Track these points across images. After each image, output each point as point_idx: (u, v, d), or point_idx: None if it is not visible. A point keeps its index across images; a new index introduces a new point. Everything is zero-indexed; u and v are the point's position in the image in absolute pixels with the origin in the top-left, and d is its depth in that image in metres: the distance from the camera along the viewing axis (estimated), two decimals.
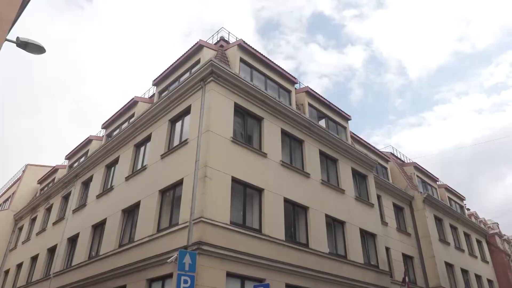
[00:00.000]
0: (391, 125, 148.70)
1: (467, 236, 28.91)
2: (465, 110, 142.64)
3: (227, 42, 17.74)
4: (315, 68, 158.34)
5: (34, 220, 24.73)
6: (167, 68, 17.69)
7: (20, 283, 22.02)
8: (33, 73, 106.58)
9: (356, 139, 23.02)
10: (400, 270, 20.02)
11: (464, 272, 25.76)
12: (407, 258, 22.26)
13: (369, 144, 24.54)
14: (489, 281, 29.02)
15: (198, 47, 16.25)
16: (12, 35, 9.20)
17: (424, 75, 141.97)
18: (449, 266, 24.33)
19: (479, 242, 30.55)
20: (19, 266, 23.47)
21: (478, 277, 27.50)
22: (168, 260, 10.84)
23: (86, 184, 19.91)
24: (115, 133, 19.81)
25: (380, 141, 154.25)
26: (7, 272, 25.10)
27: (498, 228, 40.47)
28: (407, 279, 18.12)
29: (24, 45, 9.24)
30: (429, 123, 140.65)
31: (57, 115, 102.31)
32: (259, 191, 13.39)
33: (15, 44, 9.12)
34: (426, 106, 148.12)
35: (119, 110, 20.23)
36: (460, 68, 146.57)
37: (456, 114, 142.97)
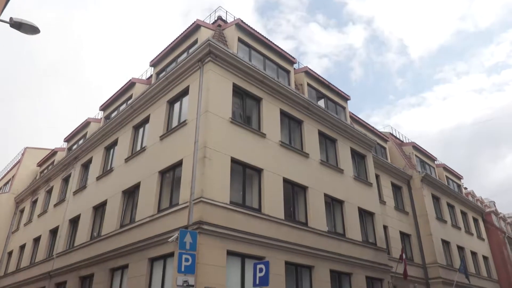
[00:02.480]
0: (390, 105, 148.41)
1: (463, 214, 29.30)
2: (465, 90, 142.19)
3: (225, 21, 17.53)
4: (315, 48, 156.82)
5: (35, 202, 24.92)
6: (165, 49, 17.52)
7: (24, 263, 22.36)
8: (29, 56, 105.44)
9: (355, 119, 23.04)
10: (398, 248, 20.37)
11: (460, 249, 26.23)
12: (404, 236, 22.62)
13: (368, 124, 24.58)
14: (485, 258, 29.59)
15: (195, 27, 16.06)
16: (5, 16, 9.10)
17: (425, 55, 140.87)
18: (445, 243, 24.75)
19: (475, 220, 30.99)
20: (22, 247, 23.78)
21: (473, 253, 28.02)
22: (169, 240, 11.02)
23: (86, 166, 19.99)
24: (113, 115, 19.75)
25: (379, 121, 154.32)
26: (10, 253, 25.46)
27: (495, 206, 40.94)
28: (404, 256, 18.45)
29: (18, 25, 9.13)
30: (429, 103, 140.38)
31: (54, 98, 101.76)
32: (259, 171, 13.48)
33: (8, 26, 9.01)
34: (426, 86, 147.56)
35: (117, 92, 20.13)
36: (462, 47, 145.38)
37: (456, 94, 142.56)
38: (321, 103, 18.95)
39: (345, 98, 20.74)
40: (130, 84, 19.17)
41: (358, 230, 16.67)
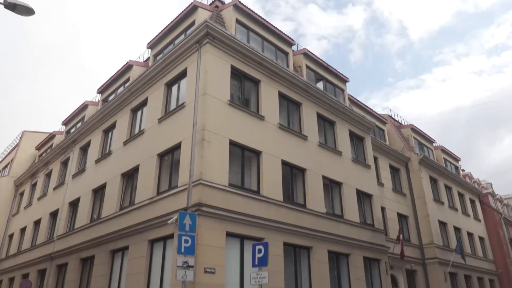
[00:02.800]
0: (389, 87, 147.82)
1: (461, 195, 29.55)
2: (464, 72, 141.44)
3: (222, 2, 17.25)
4: (314, 30, 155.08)
5: (34, 185, 25.01)
6: (162, 31, 17.31)
7: (25, 246, 22.58)
8: (25, 38, 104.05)
9: (354, 101, 22.97)
10: (395, 229, 20.60)
11: (457, 230, 26.55)
12: (402, 218, 22.84)
13: (367, 106, 24.53)
14: (481, 238, 29.99)
15: (193, 8, 15.83)
16: None
17: (425, 36, 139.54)
18: (442, 224, 25.03)
19: (472, 201, 31.27)
20: (23, 230, 23.98)
21: (470, 234, 28.38)
22: (168, 222, 11.11)
23: (84, 150, 19.98)
24: (111, 98, 19.66)
25: (378, 104, 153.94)
26: (11, 236, 25.68)
27: (492, 188, 41.22)
28: (401, 237, 18.68)
29: (12, 6, 9.00)
30: (428, 86, 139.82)
31: (51, 81, 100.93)
32: (257, 153, 13.50)
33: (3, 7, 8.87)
34: (426, 68, 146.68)
35: (114, 74, 19.98)
36: (462, 28, 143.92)
37: (455, 76, 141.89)
38: (320, 85, 18.85)
39: (344, 80, 20.62)
40: (127, 67, 19.00)
41: (356, 212, 16.83)
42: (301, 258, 13.82)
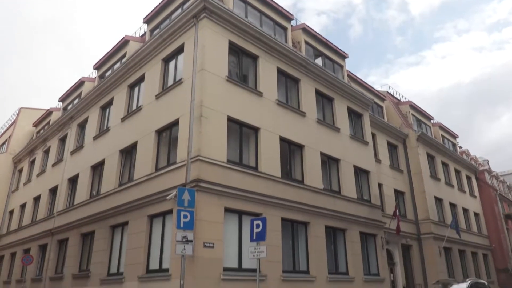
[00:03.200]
0: (389, 64, 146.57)
1: (457, 172, 29.80)
2: (464, 48, 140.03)
3: None
4: (313, 5, 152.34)
5: (33, 162, 25.05)
6: (158, 5, 16.95)
7: (25, 222, 22.82)
8: (19, 14, 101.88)
9: (352, 78, 22.81)
10: (392, 205, 20.85)
11: (453, 206, 26.91)
12: (398, 194, 23.10)
13: (366, 83, 24.39)
14: (476, 214, 30.44)
15: None
16: None
17: (426, 11, 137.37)
18: (438, 200, 25.34)
19: (468, 178, 31.57)
20: (23, 206, 24.17)
21: (465, 210, 28.79)
22: (167, 197, 11.20)
23: (82, 126, 19.92)
24: (107, 74, 19.43)
25: (377, 80, 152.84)
26: (11, 212, 25.91)
27: (488, 165, 41.51)
28: (397, 213, 18.93)
29: None
30: (427, 62, 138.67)
31: (47, 57, 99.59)
32: (255, 130, 13.49)
33: None
34: (426, 44, 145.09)
35: (110, 50, 19.70)
36: (464, 3, 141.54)
37: (455, 53, 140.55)
38: (319, 61, 18.65)
39: (343, 56, 20.41)
40: (124, 42, 18.72)
41: (353, 188, 16.98)
42: (299, 233, 14.03)
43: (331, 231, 15.28)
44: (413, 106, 28.61)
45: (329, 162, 16.49)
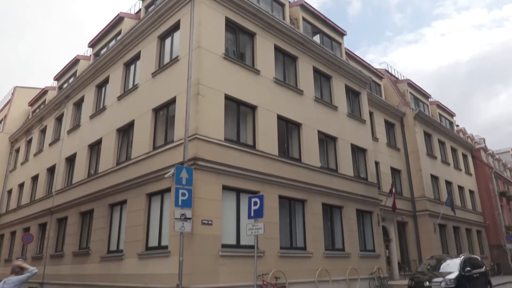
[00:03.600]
0: (387, 42, 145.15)
1: (453, 150, 29.98)
2: (464, 25, 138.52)
3: None
4: None
5: (29, 142, 24.98)
6: None
7: (24, 201, 22.93)
8: None
9: (350, 55, 22.62)
10: (388, 183, 21.05)
11: (448, 183, 27.18)
12: (395, 172, 23.28)
13: (364, 61, 24.20)
14: (471, 192, 30.80)
15: None
16: None
17: None
18: (434, 178, 25.57)
19: (465, 156, 31.79)
20: (21, 185, 24.24)
21: (460, 188, 29.10)
22: (165, 176, 11.24)
23: (78, 105, 19.79)
24: (102, 51, 19.19)
25: (375, 59, 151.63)
26: (10, 191, 26.00)
27: (484, 143, 41.71)
28: (393, 190, 19.12)
29: None
30: (426, 40, 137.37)
31: (41, 36, 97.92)
32: (253, 108, 13.44)
33: None
34: (425, 22, 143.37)
35: (105, 27, 19.38)
36: None
37: (454, 30, 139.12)
38: (317, 38, 18.45)
39: (341, 34, 20.17)
40: (118, 19, 18.40)
41: (350, 166, 17.08)
42: (296, 210, 14.19)
43: (328, 209, 15.45)
44: (411, 85, 28.51)
45: (326, 141, 16.53)
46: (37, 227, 20.30)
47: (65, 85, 22.73)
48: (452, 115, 33.62)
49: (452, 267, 13.05)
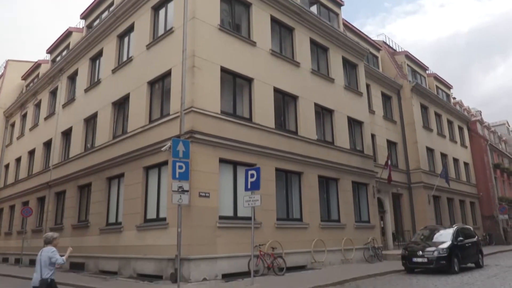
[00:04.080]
0: (386, 13, 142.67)
1: (450, 123, 30.07)
2: None
3: None
4: None
5: (24, 116, 24.80)
6: None
7: (22, 175, 22.99)
8: None
9: (348, 27, 22.27)
10: (384, 155, 21.18)
11: (444, 156, 27.41)
12: (391, 144, 23.41)
13: (361, 32, 23.87)
14: (465, 164, 31.12)
15: None
16: None
17: None
18: (429, 150, 25.76)
19: (460, 128, 31.93)
20: (18, 160, 24.24)
21: (455, 160, 29.38)
22: (162, 149, 11.26)
23: (72, 79, 19.54)
24: (95, 23, 18.78)
25: (373, 30, 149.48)
26: (7, 166, 26.01)
27: (481, 115, 41.86)
28: (389, 162, 19.26)
29: None
30: (425, 11, 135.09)
31: (32, 7, 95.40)
32: (249, 80, 13.33)
33: None
34: None
35: None
36: None
37: (454, 1, 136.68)
38: (314, 9, 18.10)
39: (339, 4, 19.78)
40: None
41: (346, 139, 17.14)
42: (292, 182, 14.32)
43: (324, 181, 15.60)
44: (409, 57, 28.25)
45: (323, 113, 16.50)
46: (36, 201, 20.45)
47: (58, 58, 22.37)
48: (449, 87, 33.52)
49: (445, 237, 13.33)
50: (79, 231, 15.49)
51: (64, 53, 21.70)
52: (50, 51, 23.99)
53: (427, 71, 30.48)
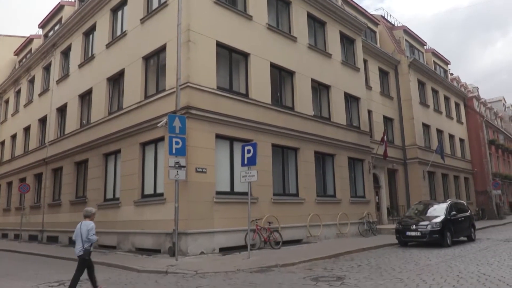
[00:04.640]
0: None
1: (446, 99, 30.04)
2: None
3: None
4: None
5: (18, 92, 24.52)
6: None
7: (18, 152, 22.94)
8: None
9: (346, 0, 21.88)
10: (380, 131, 21.23)
11: (439, 132, 27.52)
12: (387, 120, 23.43)
13: (360, 6, 23.47)
14: (461, 140, 31.30)
15: None
16: None
17: None
18: (426, 127, 25.84)
19: (457, 104, 31.93)
20: (13, 137, 24.12)
21: (451, 136, 29.53)
22: (158, 125, 11.22)
23: (66, 54, 19.23)
24: None
25: (371, 4, 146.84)
26: (2, 143, 25.90)
27: (478, 92, 41.79)
28: (385, 138, 19.32)
29: None
30: None
31: None
32: (245, 55, 13.18)
33: None
34: None
35: None
36: None
37: None
38: None
39: None
40: None
41: (343, 114, 17.12)
42: (289, 158, 14.39)
43: (320, 156, 15.68)
44: (407, 31, 27.91)
45: (319, 89, 16.42)
46: (33, 177, 20.48)
47: (51, 33, 21.95)
48: (447, 63, 33.31)
49: (438, 211, 13.53)
50: (77, 207, 15.58)
51: (56, 27, 21.28)
52: (42, 25, 23.51)
53: (425, 47, 30.20)
